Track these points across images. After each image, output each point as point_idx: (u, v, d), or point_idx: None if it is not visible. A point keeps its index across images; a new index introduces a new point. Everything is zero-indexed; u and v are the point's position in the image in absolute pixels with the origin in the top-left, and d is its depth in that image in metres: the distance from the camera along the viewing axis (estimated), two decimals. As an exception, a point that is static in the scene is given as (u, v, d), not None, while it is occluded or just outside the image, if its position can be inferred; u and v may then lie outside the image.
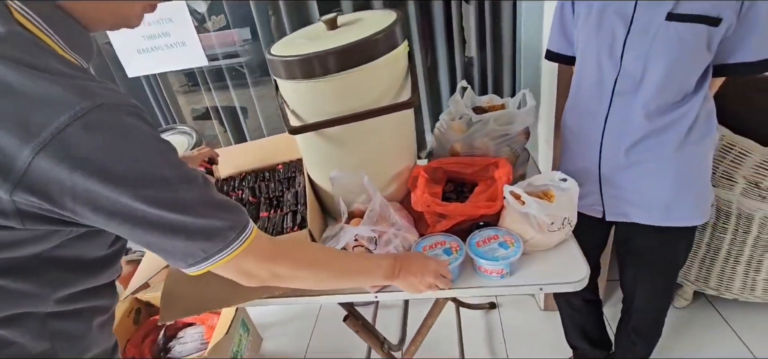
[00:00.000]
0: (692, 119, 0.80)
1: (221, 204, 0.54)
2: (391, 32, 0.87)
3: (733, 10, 0.71)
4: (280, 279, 0.63)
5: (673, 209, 0.87)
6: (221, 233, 0.53)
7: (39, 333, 0.52)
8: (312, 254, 0.68)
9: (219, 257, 0.54)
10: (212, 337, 1.23)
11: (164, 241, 0.50)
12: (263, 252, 0.59)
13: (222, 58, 1.57)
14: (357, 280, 0.74)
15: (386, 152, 0.98)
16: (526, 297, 1.70)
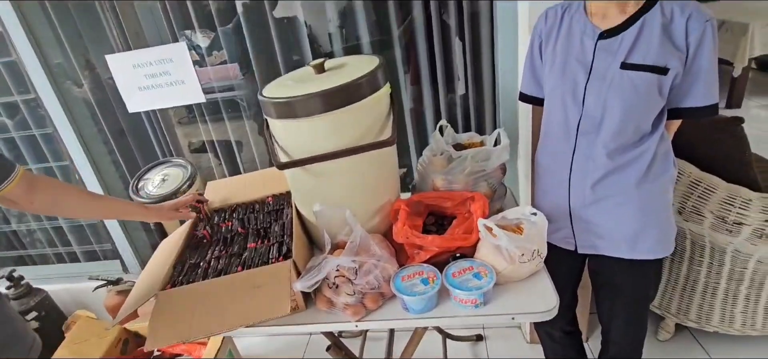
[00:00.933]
0: (650, 157, 0.87)
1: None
2: (374, 76, 0.95)
3: (679, 61, 0.79)
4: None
5: (639, 242, 0.92)
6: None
7: None
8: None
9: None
10: None
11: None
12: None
13: (218, 90, 1.65)
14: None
15: (369, 187, 1.03)
16: (513, 329, 1.72)
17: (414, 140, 1.62)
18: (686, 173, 1.27)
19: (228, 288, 0.87)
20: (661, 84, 0.80)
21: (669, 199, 0.93)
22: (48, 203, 0.90)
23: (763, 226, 1.17)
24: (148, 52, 1.39)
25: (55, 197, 0.90)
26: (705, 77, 0.81)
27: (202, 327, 0.83)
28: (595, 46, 0.84)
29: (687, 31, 0.78)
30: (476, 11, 1.39)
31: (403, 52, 1.48)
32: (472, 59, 1.43)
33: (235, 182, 1.35)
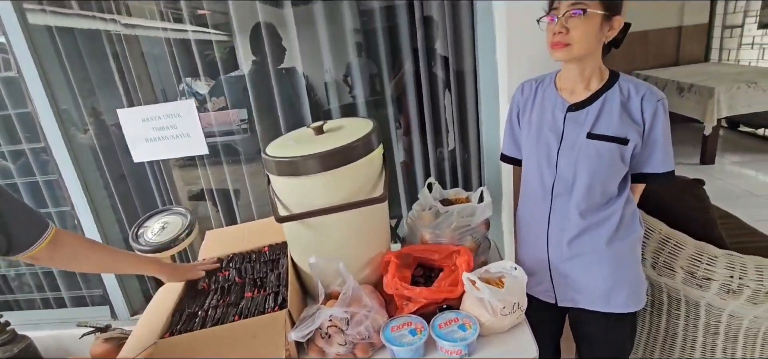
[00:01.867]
0: (618, 218, 0.96)
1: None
2: (368, 139, 1.05)
3: (637, 133, 0.91)
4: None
5: (612, 297, 0.99)
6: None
7: None
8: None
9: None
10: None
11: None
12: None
13: (219, 135, 1.74)
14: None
15: (362, 239, 1.10)
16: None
17: (404, 191, 1.71)
18: (656, 230, 1.36)
19: (225, 337, 0.91)
20: (622, 152, 0.91)
21: (638, 256, 1.01)
22: (67, 258, 0.94)
23: (729, 282, 1.25)
24: (158, 108, 1.49)
25: (75, 253, 0.95)
26: (661, 148, 0.92)
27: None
28: (565, 117, 0.96)
29: (642, 109, 0.90)
30: (461, 70, 1.53)
31: (395, 108, 1.60)
32: (458, 118, 1.55)
33: (233, 231, 1.41)
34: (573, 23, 0.88)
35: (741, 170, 3.60)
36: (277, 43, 1.62)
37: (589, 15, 0.87)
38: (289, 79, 1.68)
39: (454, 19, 1.45)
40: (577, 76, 0.95)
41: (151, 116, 1.51)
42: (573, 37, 0.88)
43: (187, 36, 1.59)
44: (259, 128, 1.65)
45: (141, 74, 1.65)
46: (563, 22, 0.88)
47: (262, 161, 1.07)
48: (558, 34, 0.89)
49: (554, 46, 0.91)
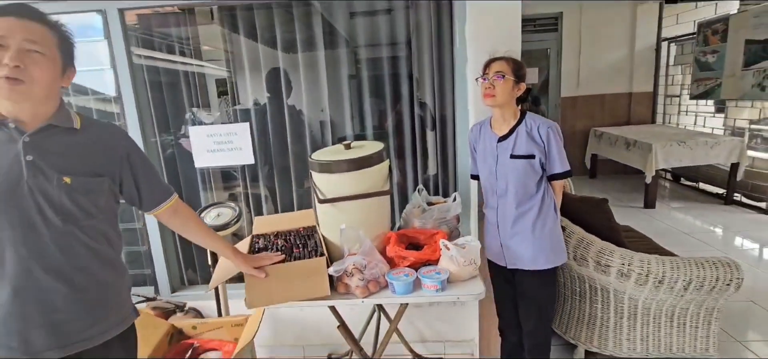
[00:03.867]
0: (538, 208, 1.51)
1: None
2: (379, 154, 1.59)
3: (539, 151, 1.48)
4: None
5: (537, 259, 1.53)
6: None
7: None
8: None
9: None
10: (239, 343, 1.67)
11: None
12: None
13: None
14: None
15: (372, 220, 1.61)
16: (466, 354, 2.20)
17: (398, 203, 2.25)
18: (576, 233, 1.92)
19: (291, 270, 1.40)
20: (532, 164, 1.48)
21: (554, 233, 1.55)
22: (180, 225, 1.28)
23: (622, 268, 1.80)
24: (221, 127, 2.02)
25: (186, 223, 1.28)
26: (557, 156, 1.49)
27: (282, 295, 1.34)
28: (497, 146, 1.54)
29: (540, 134, 1.48)
30: (444, 115, 2.12)
31: (395, 142, 2.17)
32: (441, 148, 2.13)
33: (275, 218, 1.90)
34: (497, 83, 1.47)
35: (678, 214, 4.27)
36: (288, 83, 2.19)
37: (506, 79, 1.46)
38: (294, 115, 2.25)
39: (441, 81, 2.07)
40: (501, 117, 1.53)
41: (214, 133, 2.03)
42: (496, 92, 1.47)
43: (202, 70, 2.17)
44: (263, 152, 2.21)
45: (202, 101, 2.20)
46: (491, 82, 1.48)
47: (308, 163, 1.60)
48: (488, 89, 1.48)
49: (485, 96, 1.49)
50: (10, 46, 0.91)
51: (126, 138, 1.17)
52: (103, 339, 1.08)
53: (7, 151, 0.96)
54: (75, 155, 1.03)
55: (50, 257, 1.00)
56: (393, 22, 2.17)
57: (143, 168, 1.18)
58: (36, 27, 0.95)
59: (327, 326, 2.20)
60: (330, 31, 2.19)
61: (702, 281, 1.76)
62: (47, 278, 0.99)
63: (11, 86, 0.92)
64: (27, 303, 0.98)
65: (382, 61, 2.21)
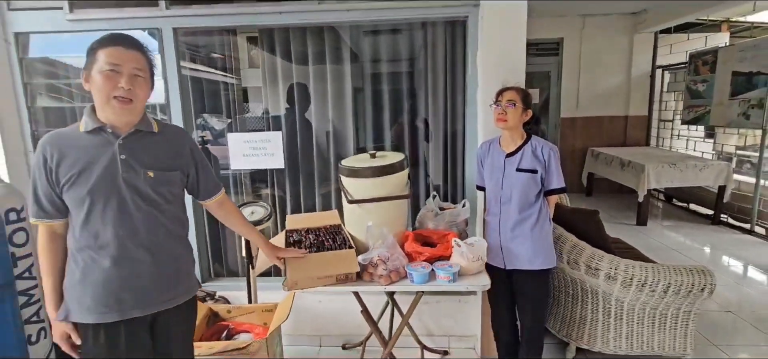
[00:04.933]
0: (536, 215, 1.75)
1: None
2: (401, 162, 1.84)
3: (541, 167, 1.73)
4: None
5: (534, 260, 1.76)
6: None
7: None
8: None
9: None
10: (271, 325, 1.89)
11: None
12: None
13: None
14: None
15: (392, 220, 1.84)
16: (470, 349, 2.42)
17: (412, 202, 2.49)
18: (569, 240, 2.16)
19: (324, 257, 1.63)
20: (534, 178, 1.73)
21: (548, 239, 1.80)
22: (224, 216, 1.51)
23: (610, 272, 2.03)
24: (256, 135, 2.27)
25: (228, 215, 1.51)
26: (555, 174, 1.74)
27: (319, 274, 1.57)
28: (504, 161, 1.79)
29: (542, 153, 1.73)
30: (455, 131, 2.38)
31: (410, 153, 2.42)
32: (451, 170, 2.39)
33: (304, 216, 2.14)
34: (509, 110, 1.72)
35: (669, 232, 4.51)
36: (306, 96, 2.45)
37: (516, 107, 1.72)
38: (306, 123, 2.50)
39: (453, 101, 2.33)
40: (509, 137, 1.79)
41: (250, 139, 2.28)
42: (508, 117, 1.72)
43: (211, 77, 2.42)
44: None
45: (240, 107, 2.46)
46: (503, 108, 1.73)
47: (338, 168, 1.85)
48: (501, 115, 1.74)
49: (498, 120, 1.75)
50: (123, 72, 1.17)
51: (190, 138, 1.43)
52: (175, 303, 1.32)
53: (106, 151, 1.21)
54: (155, 153, 1.28)
55: (139, 235, 1.24)
56: (410, 42, 2.44)
57: (203, 164, 1.44)
58: (139, 56, 1.21)
59: (343, 317, 2.44)
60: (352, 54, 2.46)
61: (679, 285, 1.99)
62: (137, 251, 1.24)
63: (123, 105, 1.18)
64: (122, 271, 1.23)
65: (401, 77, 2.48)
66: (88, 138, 1.21)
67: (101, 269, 1.21)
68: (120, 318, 1.23)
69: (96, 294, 1.21)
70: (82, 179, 1.17)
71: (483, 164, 1.91)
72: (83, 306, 1.21)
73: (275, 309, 2.06)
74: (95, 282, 1.20)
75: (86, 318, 1.21)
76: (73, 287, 1.22)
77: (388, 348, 1.84)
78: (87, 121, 1.21)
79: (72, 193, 1.18)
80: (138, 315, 1.25)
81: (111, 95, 1.16)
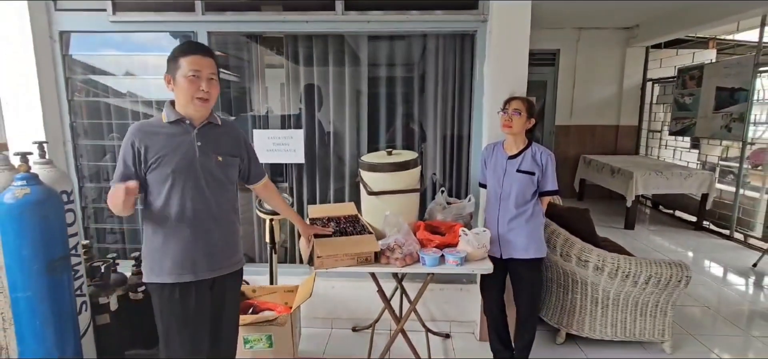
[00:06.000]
0: (531, 211, 1.98)
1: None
2: (415, 160, 2.07)
3: (539, 170, 1.96)
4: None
5: (529, 248, 1.99)
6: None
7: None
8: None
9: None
10: (294, 303, 2.09)
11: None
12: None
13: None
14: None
15: (406, 211, 2.07)
16: (469, 334, 2.64)
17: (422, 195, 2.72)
18: (562, 235, 2.40)
19: (349, 240, 1.85)
20: (532, 179, 1.96)
21: (540, 232, 2.03)
22: (267, 197, 1.79)
23: (597, 263, 2.27)
24: (279, 132, 2.48)
25: (271, 196, 1.77)
26: (550, 178, 1.97)
27: (344, 253, 1.78)
28: (506, 162, 2.02)
29: (541, 159, 1.96)
30: (461, 133, 2.61)
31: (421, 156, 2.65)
32: (457, 168, 2.62)
33: (324, 207, 2.36)
34: (515, 118, 1.96)
35: (655, 237, 4.78)
36: (319, 97, 2.66)
37: (521, 115, 1.95)
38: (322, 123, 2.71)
39: (461, 106, 2.57)
40: (513, 142, 2.02)
41: (274, 137, 2.49)
42: (514, 124, 1.96)
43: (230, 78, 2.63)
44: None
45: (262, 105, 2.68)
46: (510, 115, 1.97)
47: (359, 163, 2.07)
48: (507, 121, 1.97)
49: (504, 126, 1.98)
50: (203, 77, 1.40)
51: (241, 130, 1.66)
52: (234, 269, 1.57)
53: (185, 139, 1.44)
54: (222, 142, 1.52)
55: (211, 209, 1.48)
56: (422, 51, 2.67)
57: (253, 153, 1.69)
58: (212, 62, 1.45)
59: (353, 303, 2.65)
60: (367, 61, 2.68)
61: (659, 277, 2.24)
62: (209, 222, 1.48)
63: (203, 104, 1.42)
64: (198, 239, 1.46)
65: (412, 82, 2.70)
66: (170, 127, 1.44)
67: (181, 236, 1.43)
68: (193, 278, 1.45)
69: (176, 257, 1.43)
70: (166, 161, 1.40)
71: (486, 164, 2.14)
72: (164, 268, 1.43)
73: (296, 290, 2.27)
74: (175, 247, 1.43)
75: (165, 278, 1.44)
76: (154, 251, 1.45)
77: (400, 323, 2.06)
78: (169, 113, 1.45)
79: (158, 172, 1.40)
80: (207, 277, 1.48)
81: (194, 96, 1.40)
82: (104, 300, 2.28)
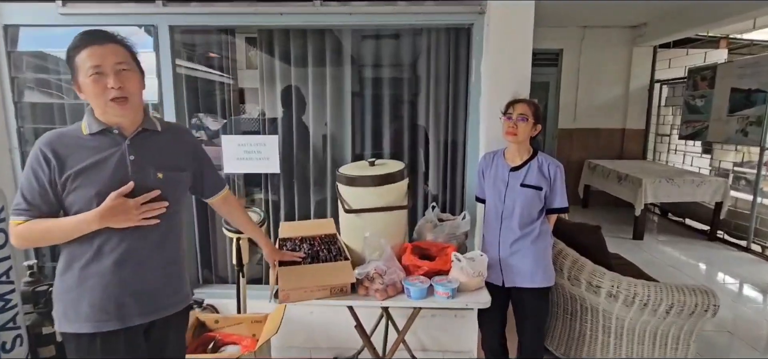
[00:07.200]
0: (538, 231, 1.70)
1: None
2: (400, 172, 1.78)
3: (546, 184, 1.68)
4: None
5: (535, 276, 1.71)
6: None
7: None
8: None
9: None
10: (261, 337, 1.81)
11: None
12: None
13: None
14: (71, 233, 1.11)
15: (390, 231, 1.78)
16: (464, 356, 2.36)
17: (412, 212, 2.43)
18: (570, 256, 2.11)
19: (322, 268, 1.57)
20: (539, 194, 1.68)
21: (548, 255, 1.75)
22: (227, 213, 1.52)
23: (611, 290, 1.98)
24: (251, 138, 2.20)
25: (232, 211, 1.51)
26: (559, 193, 1.69)
27: (313, 285, 1.50)
28: (509, 174, 1.73)
29: (549, 171, 1.68)
30: (455, 141, 2.33)
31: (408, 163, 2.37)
32: (451, 180, 2.34)
33: (298, 224, 2.07)
34: (520, 124, 1.67)
35: (665, 247, 4.49)
36: (301, 99, 2.38)
37: (528, 121, 1.67)
38: (303, 127, 2.44)
39: (455, 109, 2.28)
40: (516, 151, 1.74)
41: (245, 142, 2.21)
42: (519, 131, 1.67)
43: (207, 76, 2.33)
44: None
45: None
46: (514, 122, 1.68)
47: (336, 176, 1.79)
48: (511, 128, 1.68)
49: (508, 134, 1.70)
50: (108, 71, 1.10)
51: (192, 135, 1.39)
52: (177, 309, 1.28)
53: (114, 152, 1.15)
54: (164, 153, 1.24)
55: (148, 239, 1.18)
56: (412, 47, 2.39)
57: (206, 160, 1.41)
58: (117, 48, 1.14)
59: (334, 329, 2.37)
60: (352, 58, 2.40)
61: (682, 306, 1.95)
62: (144, 255, 1.18)
63: (121, 106, 1.12)
64: (125, 274, 1.16)
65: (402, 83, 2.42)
66: (93, 140, 1.15)
67: (102, 272, 1.14)
68: (120, 325, 1.16)
69: (95, 300, 1.14)
70: (89, 181, 1.11)
71: (484, 176, 1.86)
72: (80, 313, 1.14)
73: (265, 321, 1.98)
74: (94, 286, 1.14)
75: (82, 327, 1.14)
76: (67, 293, 1.15)
77: (386, 357, 1.77)
78: (90, 123, 1.15)
79: (78, 195, 1.11)
80: (139, 322, 1.19)
81: (106, 98, 1.11)
82: (48, 329, 2.01)
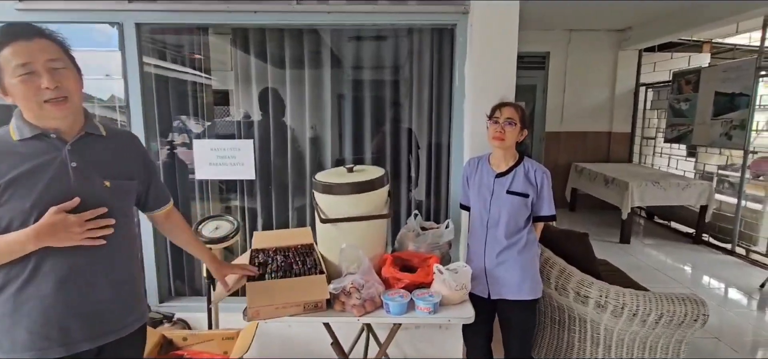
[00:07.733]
0: (524, 241, 1.62)
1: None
2: (380, 178, 1.68)
3: (533, 191, 1.60)
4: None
5: (522, 288, 1.63)
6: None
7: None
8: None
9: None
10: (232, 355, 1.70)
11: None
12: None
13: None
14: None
15: (369, 241, 1.69)
16: (452, 377, 2.27)
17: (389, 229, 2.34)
18: (558, 264, 2.04)
19: (293, 284, 1.46)
20: (525, 202, 1.60)
21: (535, 265, 1.67)
22: (170, 230, 1.36)
23: (600, 300, 1.92)
24: (225, 142, 2.09)
25: (174, 228, 1.35)
26: (547, 200, 1.61)
27: (284, 302, 1.39)
28: (494, 181, 1.65)
29: (535, 177, 1.60)
30: (439, 144, 2.24)
31: (392, 168, 2.27)
32: (435, 186, 2.25)
33: (273, 234, 1.96)
34: (507, 128, 1.59)
35: (651, 251, 4.48)
36: (280, 101, 2.28)
37: (515, 126, 1.59)
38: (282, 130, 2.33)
39: (439, 111, 2.20)
40: (502, 157, 1.66)
41: (218, 147, 2.09)
42: (506, 136, 1.59)
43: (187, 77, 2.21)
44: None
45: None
46: (502, 126, 1.60)
47: (312, 183, 1.68)
48: (498, 133, 1.60)
49: (494, 139, 1.61)
50: (39, 71, 0.98)
51: (139, 143, 1.27)
52: (129, 331, 1.15)
53: (53, 159, 1.03)
54: (109, 160, 1.12)
55: (96, 255, 1.06)
56: (394, 48, 2.30)
57: (153, 171, 1.29)
58: (46, 43, 1.01)
59: (314, 343, 2.25)
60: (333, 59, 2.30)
61: (672, 315, 1.89)
62: (91, 273, 1.06)
63: (58, 106, 1.00)
64: (69, 295, 1.04)
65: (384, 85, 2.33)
66: (26, 145, 1.02)
67: (41, 295, 1.02)
68: (64, 353, 1.04)
69: (35, 326, 1.01)
70: (23, 191, 0.98)
71: (469, 183, 1.77)
72: (17, 342, 1.01)
73: (237, 337, 1.86)
74: (32, 310, 1.01)
75: (21, 356, 1.01)
76: (3, 318, 1.02)
77: (361, 382, 1.67)
78: (21, 127, 1.02)
79: (10, 207, 0.98)
80: (87, 348, 1.07)
81: (39, 99, 0.99)
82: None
